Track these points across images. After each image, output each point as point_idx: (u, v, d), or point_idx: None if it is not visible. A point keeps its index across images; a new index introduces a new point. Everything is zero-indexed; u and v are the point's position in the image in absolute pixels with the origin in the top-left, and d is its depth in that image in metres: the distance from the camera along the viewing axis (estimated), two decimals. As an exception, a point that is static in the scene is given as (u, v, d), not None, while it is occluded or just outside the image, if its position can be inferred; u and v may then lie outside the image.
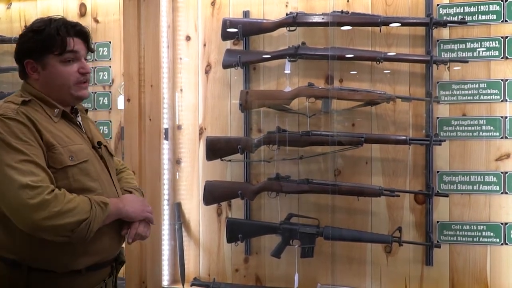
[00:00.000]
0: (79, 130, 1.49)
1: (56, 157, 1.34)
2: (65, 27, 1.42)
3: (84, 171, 1.39)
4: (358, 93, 2.41)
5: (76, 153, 1.39)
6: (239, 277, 2.73)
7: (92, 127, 1.60)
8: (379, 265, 2.55)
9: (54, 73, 1.42)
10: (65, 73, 1.42)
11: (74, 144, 1.40)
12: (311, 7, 2.58)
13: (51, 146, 1.34)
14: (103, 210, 1.35)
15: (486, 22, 2.40)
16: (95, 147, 1.51)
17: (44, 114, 1.40)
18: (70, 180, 1.36)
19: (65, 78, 1.43)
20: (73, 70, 1.43)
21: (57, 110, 1.43)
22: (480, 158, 2.42)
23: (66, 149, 1.37)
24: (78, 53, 1.44)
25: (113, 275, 1.53)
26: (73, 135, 1.44)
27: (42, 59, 1.41)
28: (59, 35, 1.40)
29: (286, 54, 2.52)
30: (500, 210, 2.40)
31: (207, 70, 2.76)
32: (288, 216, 2.51)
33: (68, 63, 1.43)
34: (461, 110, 2.44)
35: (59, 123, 1.42)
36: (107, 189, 1.46)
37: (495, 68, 2.39)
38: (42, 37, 1.39)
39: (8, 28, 3.05)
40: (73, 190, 1.35)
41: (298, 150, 2.52)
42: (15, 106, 1.34)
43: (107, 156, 1.56)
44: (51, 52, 1.40)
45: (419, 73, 2.47)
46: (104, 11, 2.89)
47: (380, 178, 2.52)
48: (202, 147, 2.70)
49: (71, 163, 1.36)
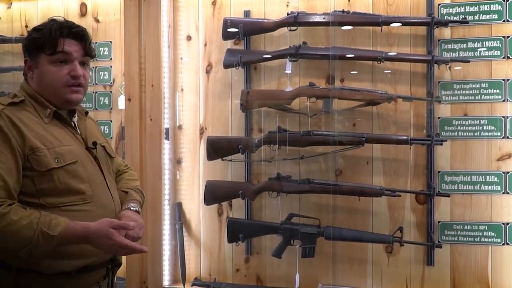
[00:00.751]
0: (73, 131, 1.47)
1: (40, 159, 1.32)
2: (59, 28, 1.40)
3: (72, 173, 1.37)
4: (359, 93, 2.40)
5: (63, 154, 1.36)
6: (240, 277, 2.73)
7: (91, 128, 1.58)
8: (380, 265, 2.55)
9: (44, 72, 1.41)
10: (54, 74, 1.41)
11: (62, 146, 1.38)
12: (312, 7, 2.58)
13: (35, 149, 1.32)
14: (47, 242, 1.26)
15: (488, 22, 2.39)
16: (88, 148, 1.48)
17: (34, 114, 1.39)
18: (56, 182, 1.34)
19: (53, 79, 1.41)
20: (62, 72, 1.41)
21: (48, 111, 1.41)
22: (482, 158, 2.41)
23: (52, 151, 1.35)
24: (70, 55, 1.42)
25: (108, 277, 1.50)
26: (63, 136, 1.42)
27: (36, 58, 1.42)
28: (51, 34, 1.39)
29: (287, 54, 2.52)
30: (501, 210, 2.40)
31: (208, 70, 2.76)
32: (289, 216, 2.50)
33: (58, 64, 1.41)
34: (463, 110, 2.44)
35: (50, 124, 1.40)
36: (98, 190, 1.44)
37: (497, 68, 2.39)
38: (37, 36, 1.40)
39: (8, 28, 3.05)
40: (60, 192, 1.34)
41: (299, 150, 2.52)
42: (0, 108, 1.34)
43: (102, 157, 1.53)
44: (43, 51, 1.40)
45: (420, 72, 2.46)
46: (104, 11, 2.89)
47: (381, 178, 2.52)
48: (203, 147, 2.70)
49: (56, 165, 1.34)
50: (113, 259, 1.52)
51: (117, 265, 1.55)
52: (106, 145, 1.59)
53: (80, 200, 1.38)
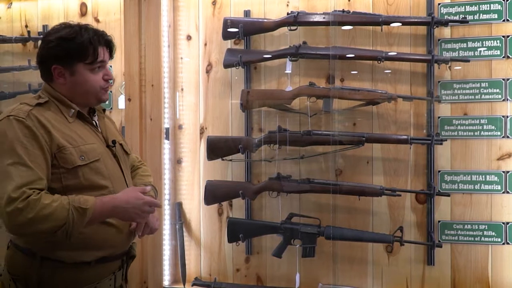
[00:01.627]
0: (94, 129, 1.56)
1: (67, 157, 1.40)
2: (96, 37, 1.49)
3: (95, 170, 1.45)
4: (359, 93, 2.40)
5: (87, 152, 1.45)
6: (240, 277, 2.73)
7: (110, 126, 1.67)
8: (380, 264, 2.55)
9: (83, 80, 1.49)
10: (94, 81, 1.50)
11: (86, 144, 1.46)
12: (312, 7, 2.58)
13: (61, 147, 1.40)
14: (82, 215, 1.34)
15: (488, 21, 2.39)
16: (109, 146, 1.56)
17: (59, 114, 1.46)
18: (80, 179, 1.42)
19: (93, 86, 1.50)
20: (100, 77, 1.52)
21: (72, 111, 1.49)
22: (482, 158, 2.42)
23: (78, 149, 1.43)
24: (104, 62, 1.53)
25: (123, 268, 1.58)
26: (86, 135, 1.50)
27: (71, 66, 1.47)
28: (91, 44, 1.47)
29: (287, 53, 2.52)
30: (501, 209, 2.40)
31: (208, 70, 2.76)
32: (289, 215, 2.50)
33: (97, 70, 1.51)
34: (463, 110, 2.44)
35: (74, 123, 1.49)
36: (118, 186, 1.52)
37: (497, 67, 2.39)
38: (74, 46, 1.45)
39: (8, 28, 3.04)
40: (84, 187, 1.42)
41: (299, 150, 2.52)
42: (28, 108, 1.41)
43: (121, 154, 1.62)
44: (82, 61, 1.47)
45: (420, 72, 2.46)
46: (105, 11, 2.89)
47: (381, 177, 2.52)
48: (203, 147, 2.70)
49: (81, 162, 1.42)
50: (128, 251, 1.60)
51: (131, 257, 1.63)
52: (123, 143, 1.68)
53: (101, 195, 1.45)
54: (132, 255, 1.63)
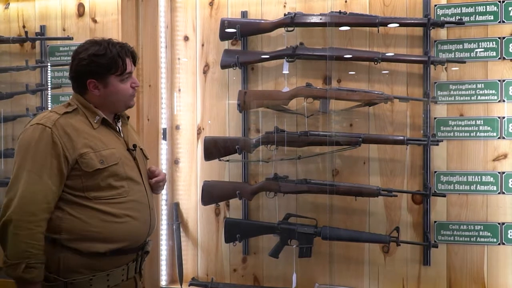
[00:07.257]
0: (117, 135, 1.71)
1: (88, 162, 1.56)
2: (123, 50, 1.65)
3: (113, 173, 1.60)
4: (356, 94, 2.41)
5: (106, 157, 1.60)
6: (237, 277, 2.73)
7: (132, 132, 1.83)
8: (376, 265, 2.56)
9: (115, 91, 1.65)
10: (124, 90, 1.67)
11: (107, 149, 1.61)
12: (309, 8, 2.59)
13: (83, 154, 1.55)
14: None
15: (484, 23, 2.41)
16: (129, 150, 1.71)
17: (85, 121, 1.61)
18: (99, 180, 1.57)
19: (123, 95, 1.68)
20: (128, 86, 1.68)
21: (97, 117, 1.64)
22: (478, 158, 2.43)
23: (98, 153, 1.58)
24: (131, 72, 1.69)
25: (137, 261, 1.70)
26: (108, 140, 1.64)
27: (104, 79, 1.63)
28: (120, 57, 1.62)
29: (284, 54, 2.52)
30: (497, 210, 2.41)
31: (205, 70, 2.77)
32: (286, 216, 2.51)
33: (126, 80, 1.67)
34: (459, 111, 2.45)
35: (99, 129, 1.63)
36: (134, 187, 1.66)
37: (493, 69, 2.40)
38: (105, 61, 1.60)
39: (6, 28, 3.04)
40: (102, 188, 1.58)
41: (296, 150, 2.52)
42: (56, 117, 1.56)
43: (140, 158, 1.77)
44: (113, 73, 1.63)
45: (417, 73, 2.47)
46: (102, 11, 2.89)
47: (377, 178, 2.53)
48: (200, 147, 2.71)
49: (101, 166, 1.57)
50: (143, 246, 1.72)
51: (145, 252, 1.75)
52: (143, 148, 1.84)
53: (117, 194, 1.61)
54: (146, 250, 1.75)
